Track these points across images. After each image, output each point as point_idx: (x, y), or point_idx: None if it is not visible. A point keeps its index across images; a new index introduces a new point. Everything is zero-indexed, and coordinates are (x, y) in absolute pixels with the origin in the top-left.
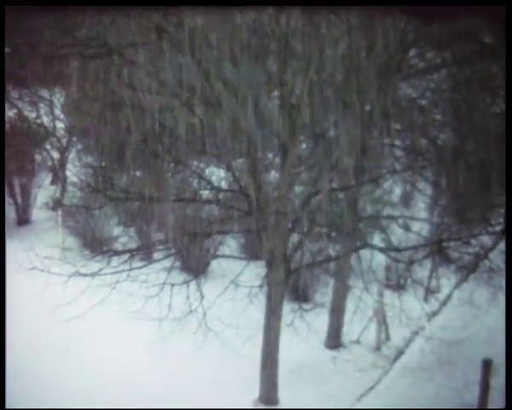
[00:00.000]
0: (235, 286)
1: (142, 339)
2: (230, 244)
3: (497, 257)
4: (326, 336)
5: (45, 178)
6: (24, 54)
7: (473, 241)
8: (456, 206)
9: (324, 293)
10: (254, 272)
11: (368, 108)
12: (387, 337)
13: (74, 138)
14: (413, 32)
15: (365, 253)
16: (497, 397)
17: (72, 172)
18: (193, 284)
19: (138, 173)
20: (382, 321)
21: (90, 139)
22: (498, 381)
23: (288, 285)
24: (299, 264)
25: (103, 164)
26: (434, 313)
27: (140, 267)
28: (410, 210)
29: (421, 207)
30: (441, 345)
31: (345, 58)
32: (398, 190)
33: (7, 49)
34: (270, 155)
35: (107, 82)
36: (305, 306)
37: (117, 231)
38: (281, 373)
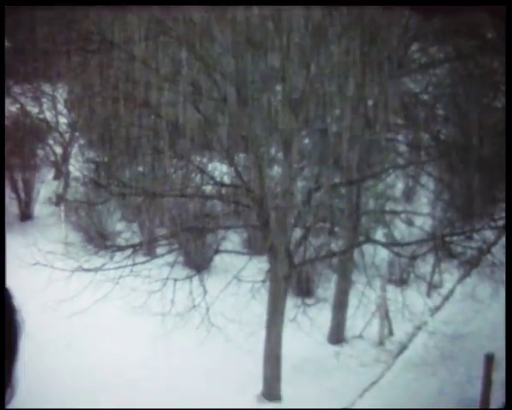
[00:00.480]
0: (238, 281)
1: (145, 334)
2: (233, 239)
3: (500, 252)
4: (329, 332)
5: (48, 174)
6: (26, 49)
7: (475, 235)
8: (458, 200)
9: (327, 288)
10: (257, 267)
11: (370, 102)
12: (390, 332)
13: (77, 133)
14: (415, 26)
15: (368, 248)
16: (499, 392)
17: (75, 167)
18: (196, 280)
19: (141, 168)
20: (385, 316)
21: (93, 134)
22: (501, 375)
23: (290, 280)
24: (301, 259)
25: (106, 159)
26: (437, 308)
27: (143, 262)
28: (413, 205)
29: (423, 201)
30: (444, 340)
31: (347, 53)
32: (400, 185)
33: (9, 45)
34: (272, 150)
35: (110, 77)
36: (308, 301)
37: (120, 226)
38: (284, 368)
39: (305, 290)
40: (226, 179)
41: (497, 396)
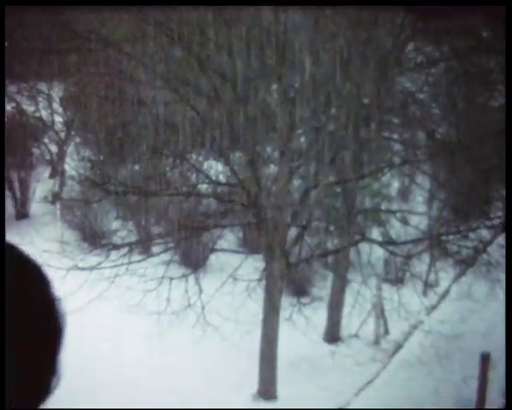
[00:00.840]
0: (234, 280)
1: (141, 333)
2: (229, 238)
3: (496, 251)
4: (324, 331)
5: (44, 172)
6: (22, 48)
7: (471, 235)
8: (454, 200)
9: (323, 287)
10: (253, 265)
11: (366, 101)
12: (386, 331)
13: (73, 132)
14: (411, 26)
15: (364, 247)
16: (495, 391)
17: (71, 166)
18: (191, 278)
19: (137, 167)
20: (381, 315)
21: (89, 133)
22: (496, 374)
23: (286, 279)
24: (297, 258)
25: (102, 157)
26: (433, 307)
27: (139, 261)
28: (409, 204)
29: (419, 200)
30: (440, 339)
31: (343, 52)
32: (396, 184)
33: (5, 43)
34: (268, 149)
35: (105, 76)
36: (304, 300)
37: (115, 224)
38: (279, 367)
39: (301, 289)
40: (222, 178)
41: (493, 396)
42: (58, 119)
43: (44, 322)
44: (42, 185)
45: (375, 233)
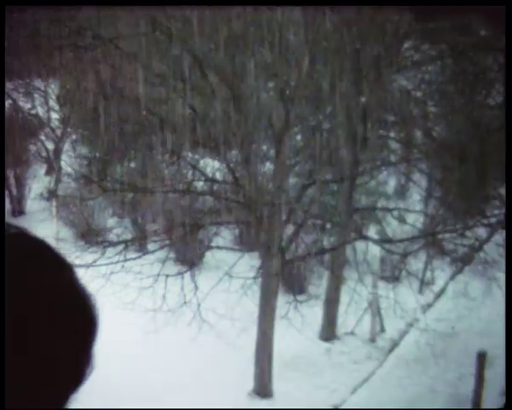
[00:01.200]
0: (230, 278)
1: (137, 330)
2: (225, 236)
3: (492, 249)
4: (320, 328)
5: (40, 169)
6: (18, 45)
7: (467, 233)
8: (450, 198)
9: (319, 285)
10: (249, 263)
11: (363, 99)
12: (382, 329)
13: (69, 129)
14: (408, 24)
15: (360, 245)
16: (491, 389)
17: (67, 163)
18: (187, 276)
19: (133, 164)
20: (377, 313)
21: (85, 130)
22: (493, 373)
23: (282, 277)
24: (293, 255)
25: (98, 155)
26: (429, 305)
27: (134, 258)
28: (405, 202)
29: (415, 199)
30: (436, 337)
31: (340, 50)
32: (392, 182)
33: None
34: (264, 147)
35: (102, 73)
36: (300, 297)
37: (111, 221)
38: (275, 365)
39: (297, 287)
40: (218, 176)
41: (490, 394)
42: (54, 116)
43: (76, 311)
44: (38, 182)
45: (372, 231)
